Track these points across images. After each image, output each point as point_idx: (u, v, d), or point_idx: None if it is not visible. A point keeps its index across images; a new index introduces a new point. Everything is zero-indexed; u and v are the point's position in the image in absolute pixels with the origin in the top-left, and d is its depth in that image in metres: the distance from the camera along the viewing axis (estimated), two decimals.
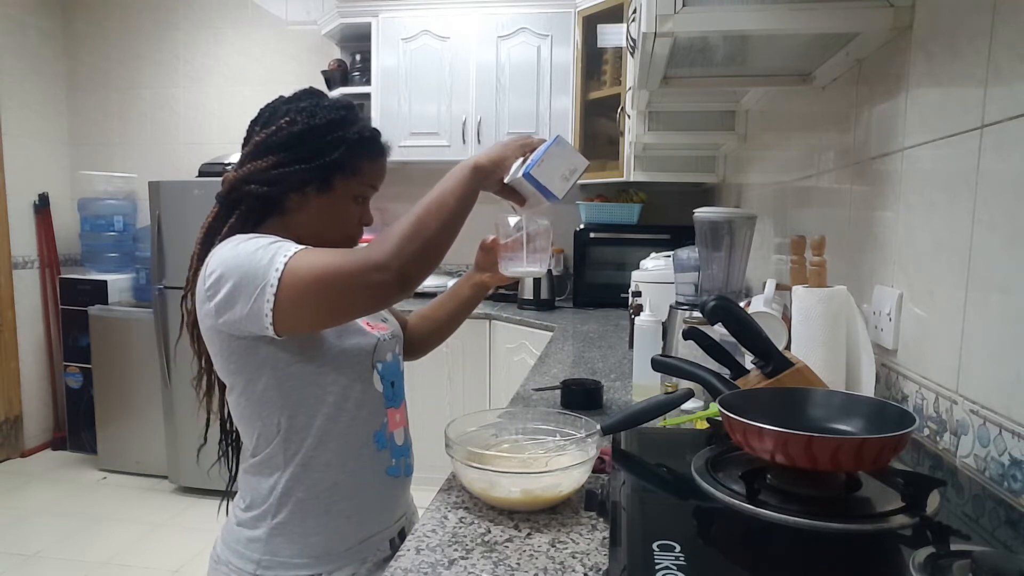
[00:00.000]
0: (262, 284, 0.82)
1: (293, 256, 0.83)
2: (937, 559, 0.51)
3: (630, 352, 1.75)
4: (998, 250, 0.78)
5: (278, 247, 0.85)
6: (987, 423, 0.79)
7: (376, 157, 1.00)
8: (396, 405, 1.03)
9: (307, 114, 0.96)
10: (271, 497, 0.94)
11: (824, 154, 1.45)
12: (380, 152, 1.01)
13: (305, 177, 0.95)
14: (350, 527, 0.95)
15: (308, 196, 0.96)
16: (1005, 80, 0.78)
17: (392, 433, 1.02)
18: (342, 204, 0.98)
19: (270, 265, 0.82)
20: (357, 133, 0.97)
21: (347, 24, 3.30)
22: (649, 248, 2.49)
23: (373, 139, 0.99)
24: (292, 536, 0.93)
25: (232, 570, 0.94)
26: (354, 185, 0.98)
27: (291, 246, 0.85)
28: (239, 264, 0.84)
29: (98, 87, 3.96)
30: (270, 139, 0.95)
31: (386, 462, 1.00)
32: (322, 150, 0.94)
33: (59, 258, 3.90)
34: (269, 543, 0.93)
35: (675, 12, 1.04)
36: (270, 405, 0.91)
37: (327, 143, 0.95)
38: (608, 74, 2.99)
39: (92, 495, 3.24)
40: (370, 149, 0.99)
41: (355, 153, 0.96)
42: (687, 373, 0.92)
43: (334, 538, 0.94)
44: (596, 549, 0.74)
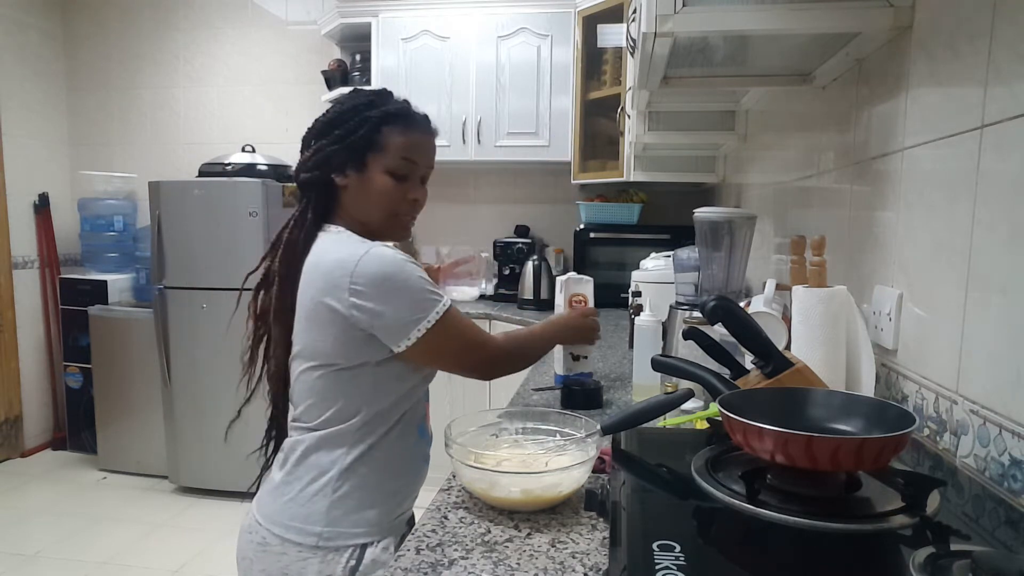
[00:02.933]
0: (420, 316, 0.97)
1: (450, 309, 1.00)
2: (937, 559, 0.51)
3: (630, 352, 1.75)
4: (998, 250, 0.78)
5: (438, 294, 1.01)
6: (987, 423, 0.79)
7: (405, 130, 1.05)
8: (426, 399, 1.14)
9: (338, 103, 1.08)
10: (332, 470, 1.01)
11: (824, 154, 1.45)
12: (409, 125, 1.06)
13: (339, 158, 1.04)
14: (395, 503, 1.05)
15: (349, 178, 1.05)
16: (1005, 80, 0.78)
17: (426, 424, 1.13)
18: (377, 180, 1.04)
19: (433, 305, 0.98)
20: (383, 111, 1.04)
21: (347, 24, 3.30)
22: (649, 248, 2.49)
23: (399, 114, 1.05)
24: (350, 508, 1.00)
25: (285, 543, 1.00)
26: (385, 159, 1.04)
27: (446, 298, 1.01)
28: (409, 283, 0.97)
29: (98, 87, 3.96)
30: (309, 132, 1.08)
31: (424, 451, 1.11)
32: (350, 131, 1.03)
33: (59, 258, 3.90)
34: (330, 514, 1.00)
35: (675, 12, 1.04)
36: (358, 389, 1.00)
37: (354, 123, 1.04)
38: (608, 74, 2.99)
39: (92, 495, 3.24)
40: (397, 123, 1.05)
41: (380, 129, 1.04)
42: (687, 373, 0.92)
43: (382, 512, 1.03)
44: (596, 549, 0.74)
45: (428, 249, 3.74)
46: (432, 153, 1.11)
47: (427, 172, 1.11)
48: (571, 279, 1.41)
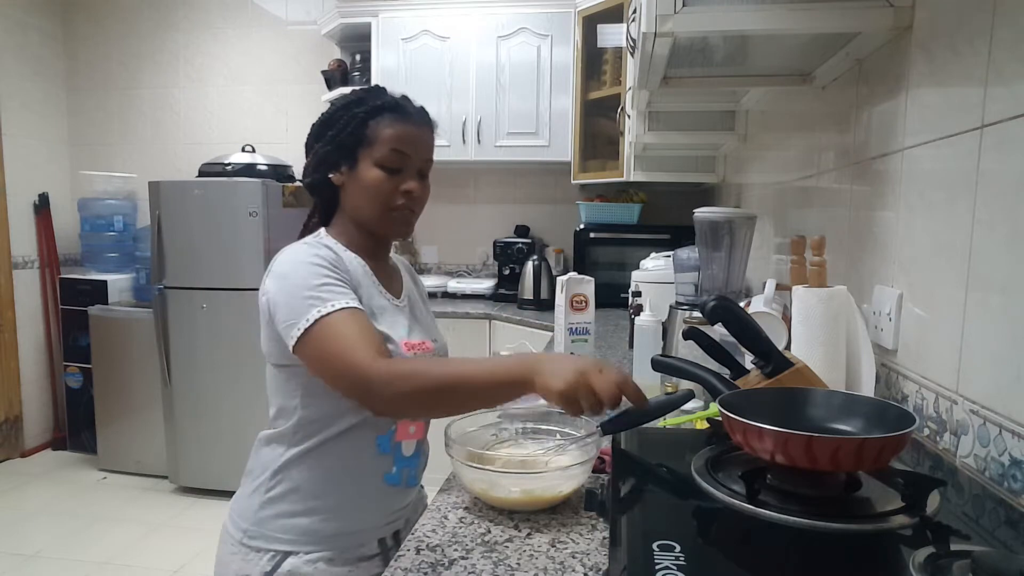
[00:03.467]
0: (297, 319, 0.89)
1: (333, 314, 0.88)
2: (937, 559, 0.51)
3: (630, 352, 1.75)
4: (998, 250, 0.78)
5: (320, 299, 0.90)
6: (987, 423, 0.79)
7: (395, 122, 1.02)
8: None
9: (331, 104, 1.07)
10: (268, 471, 0.99)
11: (824, 154, 1.45)
12: (399, 117, 1.03)
13: (333, 157, 1.03)
14: (335, 518, 0.98)
15: (344, 175, 1.03)
16: (1005, 80, 0.78)
17: (400, 443, 1.03)
18: (368, 174, 1.01)
19: (313, 307, 0.89)
20: (370, 105, 1.02)
21: (347, 24, 3.30)
22: (649, 248, 2.49)
23: (387, 107, 1.03)
24: (280, 512, 0.97)
25: (226, 534, 1.02)
26: (374, 152, 1.01)
27: (331, 303, 0.90)
28: (300, 282, 0.91)
29: (98, 87, 3.96)
30: (309, 137, 1.08)
31: (385, 468, 1.01)
32: (340, 129, 1.02)
33: (59, 258, 3.90)
34: (258, 513, 0.98)
35: (675, 12, 1.04)
36: (292, 389, 0.97)
37: (344, 121, 1.02)
38: (608, 74, 2.99)
39: (92, 495, 3.24)
40: (384, 116, 1.02)
41: (368, 123, 1.01)
42: (687, 373, 0.92)
43: (316, 523, 0.97)
44: (596, 549, 0.74)
45: (429, 249, 3.74)
46: (428, 145, 1.06)
47: (425, 165, 1.06)
48: (572, 279, 1.41)
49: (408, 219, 1.06)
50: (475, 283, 3.45)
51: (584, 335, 1.42)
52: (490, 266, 3.65)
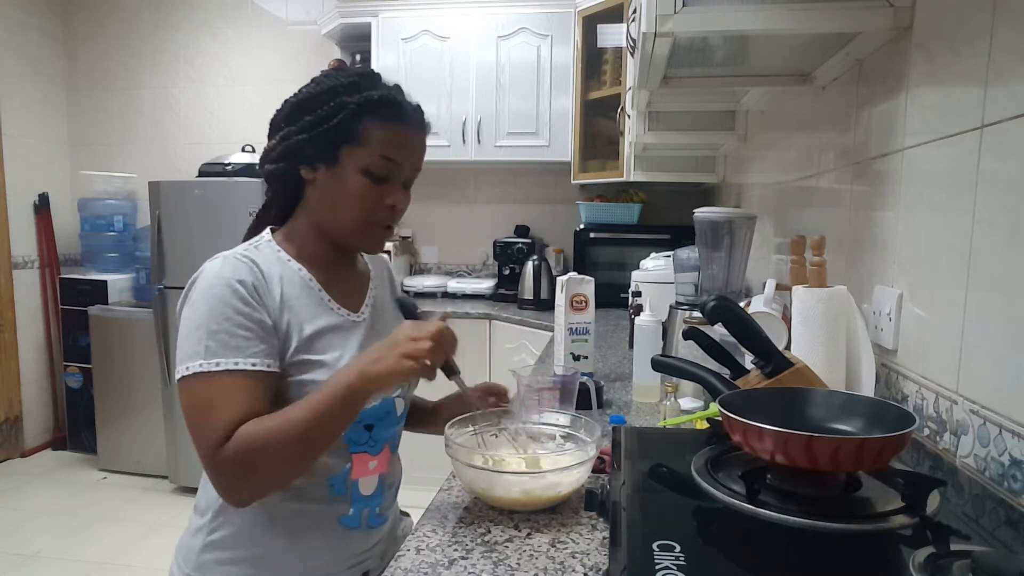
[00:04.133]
0: (180, 361, 0.81)
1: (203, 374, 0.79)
2: (937, 559, 0.51)
3: (630, 352, 1.75)
4: (998, 250, 0.78)
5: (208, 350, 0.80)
6: (987, 423, 0.79)
7: (389, 123, 0.88)
8: (372, 451, 0.93)
9: (314, 82, 0.92)
10: (210, 510, 0.90)
11: (824, 154, 1.45)
12: (396, 117, 0.89)
13: (308, 148, 0.88)
14: (283, 564, 0.88)
15: (317, 172, 0.89)
16: (1005, 80, 0.78)
17: (356, 481, 0.91)
18: (350, 179, 0.88)
19: (195, 356, 0.80)
20: (364, 96, 0.87)
21: (347, 24, 3.30)
22: (649, 248, 2.49)
23: (384, 103, 0.88)
24: (222, 558, 0.89)
25: (171, 573, 0.95)
26: (362, 156, 0.87)
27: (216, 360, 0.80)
28: (198, 318, 0.82)
29: (98, 87, 3.96)
30: (277, 115, 0.94)
31: (341, 510, 0.90)
32: (323, 117, 0.87)
33: (59, 258, 3.90)
34: (201, 558, 0.90)
35: (675, 12, 1.04)
36: None
37: (328, 109, 0.87)
38: (608, 74, 2.99)
39: (92, 495, 3.24)
40: (380, 113, 0.87)
41: (360, 119, 0.87)
42: (687, 373, 0.92)
43: (264, 572, 0.88)
44: (596, 549, 0.74)
45: (429, 249, 3.74)
46: (421, 153, 0.93)
47: (412, 175, 0.93)
48: (572, 279, 1.41)
49: (386, 236, 0.94)
50: (475, 283, 3.45)
51: (584, 335, 1.42)
52: (490, 266, 3.65)
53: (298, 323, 0.87)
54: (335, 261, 0.96)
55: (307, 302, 0.90)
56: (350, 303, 0.95)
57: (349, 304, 0.95)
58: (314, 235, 0.93)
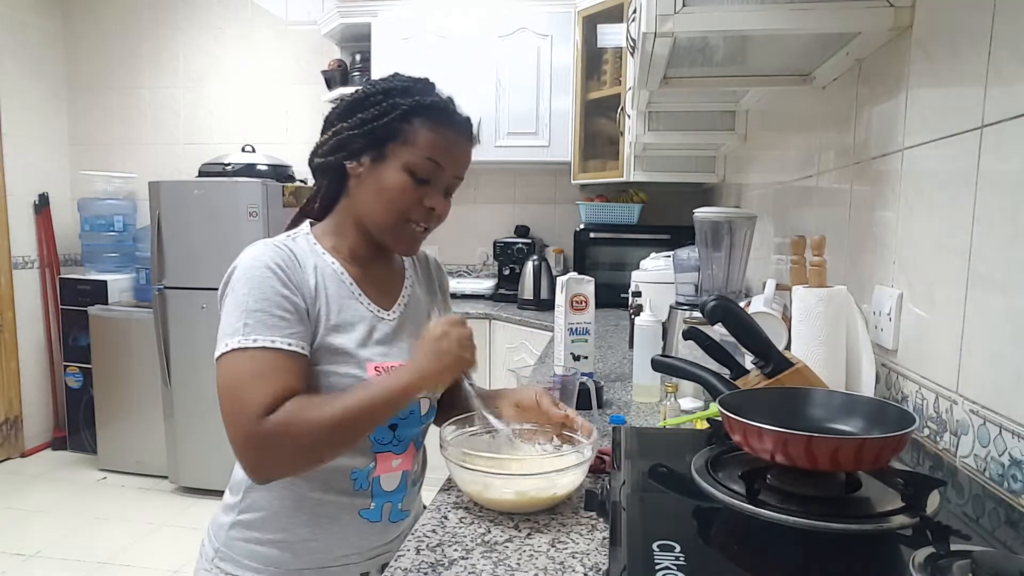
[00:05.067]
0: (221, 339, 0.85)
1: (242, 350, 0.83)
2: (937, 559, 0.51)
3: (630, 352, 1.75)
4: (998, 250, 0.78)
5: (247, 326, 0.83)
6: (987, 423, 0.79)
7: (439, 127, 0.92)
8: (397, 450, 0.95)
9: (370, 83, 0.96)
10: (240, 490, 0.94)
11: (824, 154, 1.45)
12: (445, 123, 0.93)
13: (357, 143, 0.92)
14: (305, 550, 0.91)
15: (363, 166, 0.92)
16: (1005, 80, 0.78)
17: (379, 477, 0.94)
18: (393, 175, 0.91)
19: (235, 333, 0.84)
20: (417, 100, 0.92)
21: (347, 24, 3.30)
22: (649, 248, 2.49)
23: (436, 108, 0.92)
24: (248, 538, 0.92)
25: (202, 548, 0.98)
26: (408, 154, 0.90)
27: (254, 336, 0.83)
28: (239, 296, 0.86)
29: (98, 87, 3.96)
30: (332, 113, 0.97)
31: (362, 503, 0.93)
32: (375, 115, 0.91)
33: (59, 258, 3.90)
34: (229, 535, 0.94)
35: (675, 12, 1.04)
36: None
37: (381, 108, 0.91)
38: (608, 74, 2.99)
39: (92, 495, 3.24)
40: (430, 117, 0.92)
41: (410, 120, 0.91)
42: (687, 373, 0.92)
43: (287, 555, 0.91)
44: (596, 549, 0.74)
45: (429, 249, 3.72)
46: (465, 161, 0.96)
47: (454, 183, 0.96)
48: (572, 279, 1.41)
49: (419, 237, 0.96)
50: (475, 283, 3.45)
51: (584, 335, 1.42)
52: (490, 266, 3.65)
53: (327, 313, 0.90)
54: (371, 258, 0.98)
55: (338, 294, 0.92)
56: (382, 300, 0.97)
57: (381, 301, 0.97)
58: (352, 229, 0.96)
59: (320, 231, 0.98)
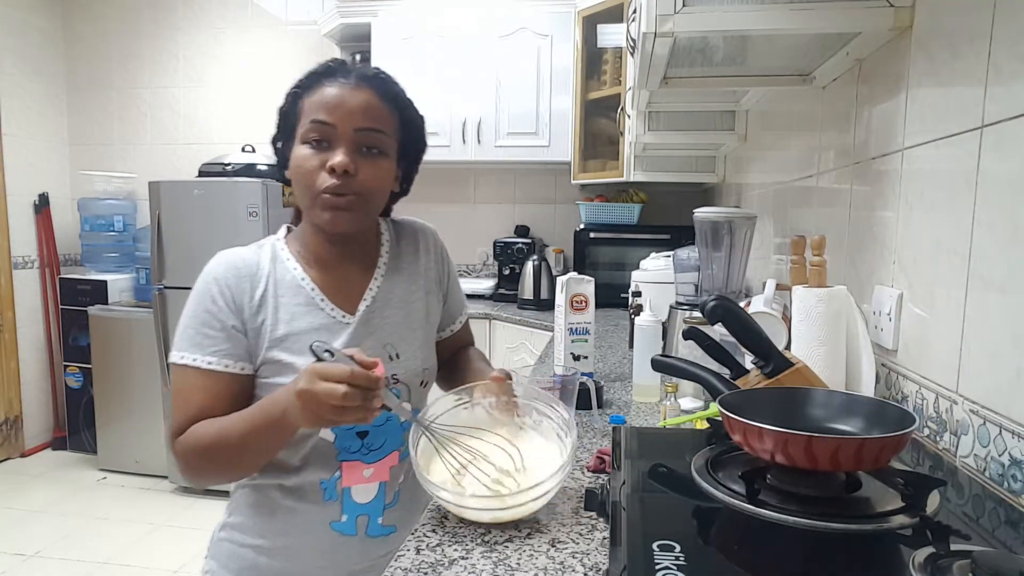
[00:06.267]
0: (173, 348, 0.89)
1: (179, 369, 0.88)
2: (937, 559, 0.51)
3: (630, 352, 1.75)
4: (998, 250, 0.78)
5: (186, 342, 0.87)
6: (987, 423, 0.79)
7: (318, 87, 0.88)
8: (368, 459, 0.91)
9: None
10: (231, 494, 0.96)
11: (824, 154, 1.45)
12: (323, 80, 0.88)
13: (282, 148, 0.92)
14: (282, 558, 0.90)
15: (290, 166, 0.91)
16: (1005, 80, 0.78)
17: (349, 488, 0.90)
18: (294, 154, 0.88)
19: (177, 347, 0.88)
20: (305, 78, 0.90)
21: (347, 24, 3.30)
22: (649, 248, 2.49)
23: (315, 73, 0.89)
24: (232, 539, 0.93)
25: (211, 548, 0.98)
26: (299, 130, 0.88)
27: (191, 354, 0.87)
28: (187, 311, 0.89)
29: (98, 87, 3.96)
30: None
31: (332, 515, 0.90)
32: (282, 114, 0.92)
33: (59, 258, 3.90)
34: (219, 535, 0.95)
35: (675, 12, 1.04)
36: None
37: (285, 104, 0.92)
38: (608, 74, 2.99)
39: (92, 495, 3.24)
40: (311, 85, 0.89)
41: (299, 99, 0.89)
42: (687, 373, 0.92)
43: (264, 559, 0.90)
44: (596, 549, 0.74)
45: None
46: (362, 110, 0.86)
47: (360, 137, 0.86)
48: (572, 279, 1.41)
49: (339, 205, 0.86)
50: (475, 283, 3.45)
51: (584, 335, 1.42)
52: (490, 266, 3.65)
53: (273, 324, 0.88)
54: (336, 258, 0.94)
55: (293, 302, 0.90)
56: (348, 303, 0.93)
57: (345, 304, 0.93)
58: (310, 231, 0.94)
59: (292, 236, 0.97)
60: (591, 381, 1.27)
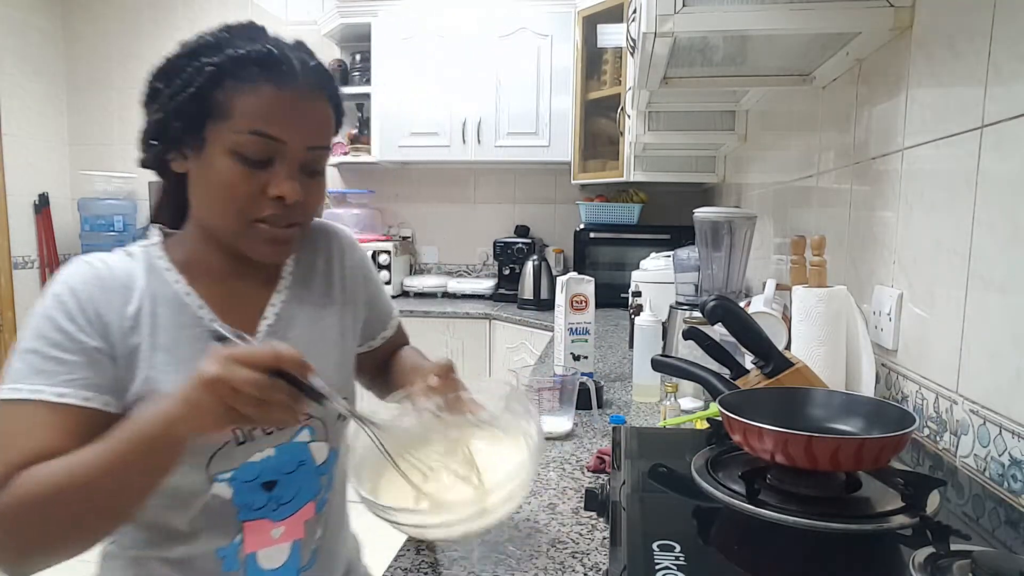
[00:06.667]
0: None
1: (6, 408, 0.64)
2: (937, 559, 0.51)
3: (630, 352, 1.75)
4: (998, 250, 0.78)
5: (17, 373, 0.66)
6: (987, 423, 0.79)
7: (256, 86, 0.68)
8: (276, 516, 0.75)
9: (180, 44, 0.72)
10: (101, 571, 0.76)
11: (824, 154, 1.45)
12: (264, 77, 0.68)
13: (172, 130, 0.70)
14: None
15: (189, 160, 0.71)
16: (1005, 80, 0.78)
17: (253, 554, 0.74)
18: (219, 163, 0.68)
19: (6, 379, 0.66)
20: (228, 55, 0.68)
21: (347, 24, 3.30)
22: (649, 248, 2.49)
23: (248, 59, 0.68)
24: None
25: None
26: (227, 132, 0.68)
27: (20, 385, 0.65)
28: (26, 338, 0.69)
29: (98, 87, 3.95)
30: (144, 94, 0.73)
31: None
32: (180, 87, 0.68)
33: (59, 258, 3.90)
34: None
35: (675, 12, 1.04)
36: None
37: (187, 76, 0.68)
38: (608, 74, 2.99)
39: None
40: (247, 74, 0.68)
41: (221, 84, 0.67)
42: (687, 373, 0.92)
43: None
44: (596, 549, 0.74)
45: (429, 249, 3.74)
46: (317, 125, 0.72)
47: (311, 157, 0.72)
48: (572, 279, 1.42)
49: (282, 238, 0.72)
50: (475, 283, 3.45)
51: (584, 335, 1.42)
52: (490, 266, 3.65)
53: (151, 347, 0.69)
54: (229, 269, 0.77)
55: (175, 321, 0.71)
56: (242, 322, 0.74)
57: (241, 324, 0.73)
58: (201, 241, 0.76)
59: (172, 242, 0.78)
60: (591, 381, 1.27)
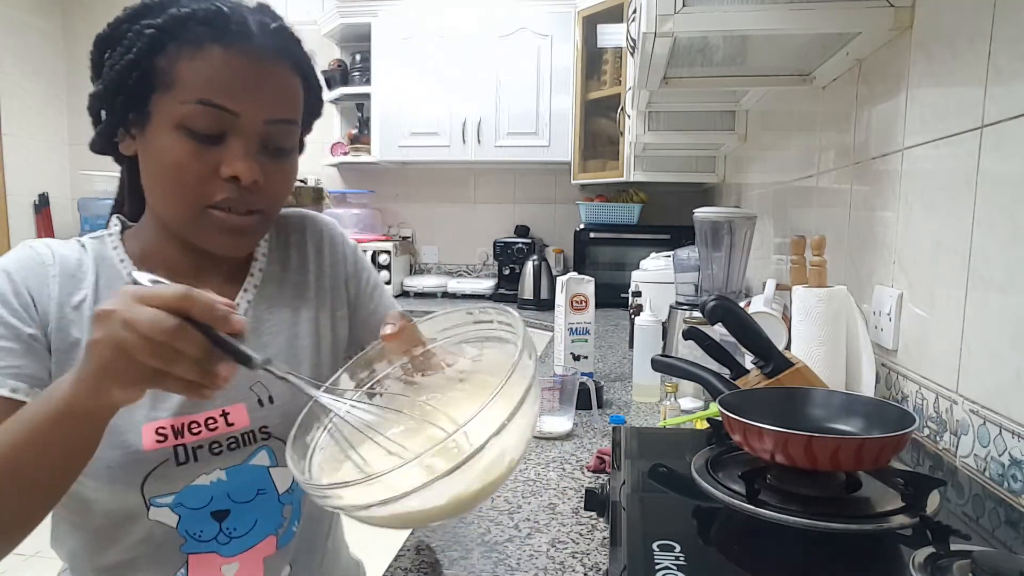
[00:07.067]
0: None
1: None
2: (937, 559, 0.51)
3: (630, 352, 1.75)
4: (998, 250, 0.78)
5: None
6: (987, 423, 0.79)
7: (202, 48, 0.60)
8: (226, 551, 0.67)
9: (124, 9, 0.64)
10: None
11: (824, 154, 1.45)
12: (212, 38, 0.60)
13: (117, 105, 0.62)
14: None
15: (136, 140, 0.64)
16: (1005, 80, 0.78)
17: None
18: (165, 140, 0.61)
19: None
20: (168, 15, 0.60)
21: (347, 24, 3.30)
22: (649, 248, 2.49)
23: (194, 18, 0.60)
24: None
25: None
26: (173, 103, 0.60)
27: None
28: None
29: None
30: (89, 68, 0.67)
31: None
32: (119, 56, 0.61)
33: None
34: None
35: (675, 12, 1.04)
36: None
37: (127, 43, 0.61)
38: (608, 74, 2.99)
39: None
40: (190, 39, 0.60)
41: (163, 49, 0.60)
42: (687, 373, 0.92)
43: None
44: (596, 549, 0.74)
45: (429, 249, 3.74)
46: (272, 91, 0.63)
47: (269, 130, 0.64)
48: (572, 279, 1.42)
49: (239, 227, 0.64)
50: (475, 283, 3.45)
51: (584, 335, 1.42)
52: (490, 266, 3.65)
53: None
54: (189, 265, 0.70)
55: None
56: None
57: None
58: (158, 232, 0.69)
59: (130, 234, 0.72)
60: (591, 381, 1.27)
